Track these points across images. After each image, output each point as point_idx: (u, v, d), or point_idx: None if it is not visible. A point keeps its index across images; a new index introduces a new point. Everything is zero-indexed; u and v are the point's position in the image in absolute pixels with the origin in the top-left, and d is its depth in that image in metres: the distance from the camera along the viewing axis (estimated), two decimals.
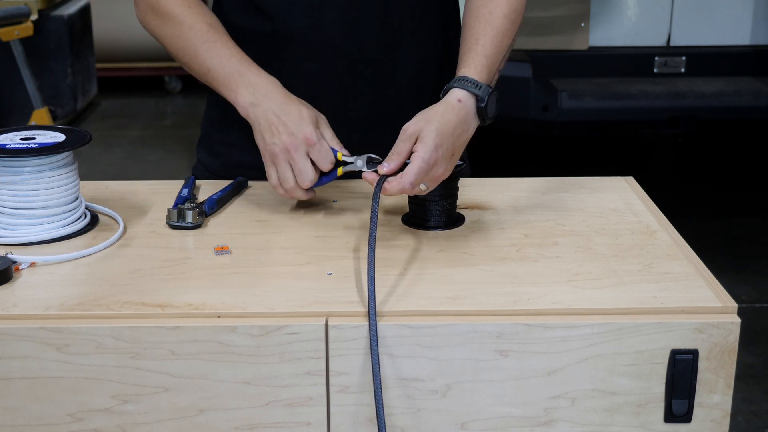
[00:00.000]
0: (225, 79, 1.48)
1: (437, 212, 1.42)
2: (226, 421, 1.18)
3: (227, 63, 1.48)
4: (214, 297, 1.21)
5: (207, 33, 1.50)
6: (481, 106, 1.39)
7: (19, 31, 4.96)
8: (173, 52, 1.55)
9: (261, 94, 1.44)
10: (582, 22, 3.91)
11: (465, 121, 1.38)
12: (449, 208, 1.44)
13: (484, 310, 1.19)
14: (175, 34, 1.53)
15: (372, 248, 1.22)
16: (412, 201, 1.45)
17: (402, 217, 1.46)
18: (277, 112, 1.42)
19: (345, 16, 1.55)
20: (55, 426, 1.18)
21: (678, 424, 1.20)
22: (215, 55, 1.49)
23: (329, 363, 1.17)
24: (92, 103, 6.07)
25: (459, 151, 1.38)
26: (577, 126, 3.94)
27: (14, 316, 1.17)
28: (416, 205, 1.44)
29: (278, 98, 1.44)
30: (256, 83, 1.46)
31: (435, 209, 1.42)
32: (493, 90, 1.41)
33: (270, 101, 1.43)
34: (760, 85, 3.91)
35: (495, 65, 1.45)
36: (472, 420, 1.19)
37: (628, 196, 1.57)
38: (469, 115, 1.39)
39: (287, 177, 1.41)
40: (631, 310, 1.19)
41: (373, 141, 1.47)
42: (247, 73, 1.47)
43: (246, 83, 1.46)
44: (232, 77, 1.47)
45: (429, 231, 1.42)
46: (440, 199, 1.42)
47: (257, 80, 1.46)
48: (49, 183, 1.36)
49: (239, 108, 1.46)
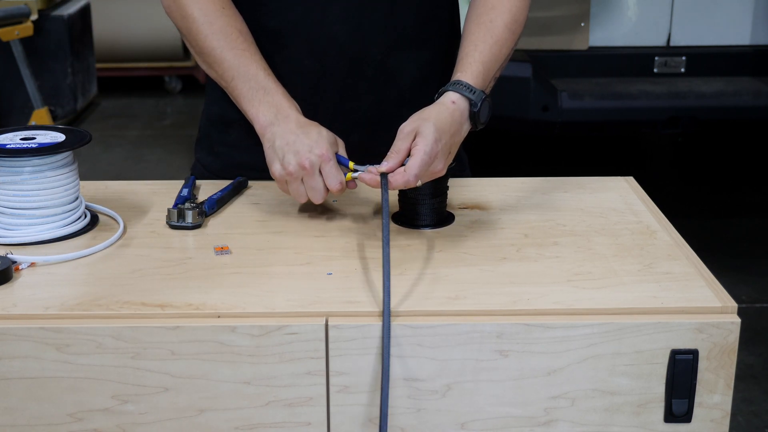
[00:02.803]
0: (249, 92, 1.47)
1: (427, 211, 1.43)
2: (226, 421, 1.18)
3: (253, 77, 1.47)
4: (214, 297, 1.21)
5: (236, 40, 1.50)
6: (474, 111, 1.40)
7: (19, 31, 4.96)
8: (195, 49, 1.54)
9: (282, 116, 1.44)
10: (582, 22, 3.91)
11: (458, 122, 1.39)
12: (439, 207, 1.44)
13: (484, 310, 1.19)
14: (202, 33, 1.51)
15: (386, 241, 1.23)
16: (403, 200, 1.45)
17: (392, 216, 1.46)
18: (296, 131, 1.41)
19: (349, 15, 1.55)
20: (55, 426, 1.18)
21: (678, 424, 1.20)
22: (242, 64, 1.48)
23: (329, 363, 1.17)
24: (92, 103, 6.07)
25: (454, 150, 1.39)
26: (577, 126, 3.94)
27: (14, 316, 1.17)
28: (406, 203, 1.44)
29: (298, 119, 1.44)
30: (280, 104, 1.45)
31: (425, 208, 1.43)
32: (486, 96, 1.42)
33: (290, 122, 1.43)
34: (760, 85, 3.90)
35: (491, 73, 1.47)
36: (472, 420, 1.19)
37: (628, 196, 1.57)
38: (463, 117, 1.40)
39: (300, 193, 1.40)
40: (631, 310, 1.19)
41: (373, 142, 1.47)
42: (273, 92, 1.46)
43: (270, 102, 1.45)
44: (256, 93, 1.46)
45: (420, 230, 1.42)
46: (430, 198, 1.42)
47: (281, 101, 1.46)
48: (49, 183, 1.36)
49: (257, 125, 1.45)
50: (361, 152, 1.43)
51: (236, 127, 1.64)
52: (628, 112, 3.84)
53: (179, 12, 1.53)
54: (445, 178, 1.43)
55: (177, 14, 1.54)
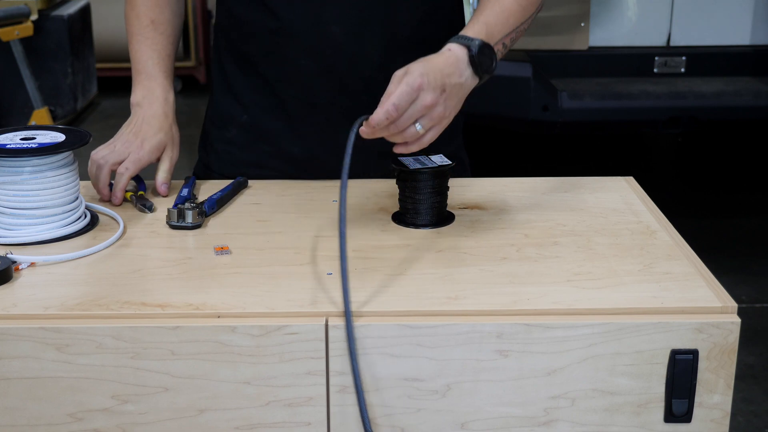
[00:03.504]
0: (135, 73, 1.61)
1: (427, 209, 1.43)
2: (226, 421, 1.18)
3: (144, 62, 1.60)
4: (214, 297, 1.21)
5: (146, 27, 1.62)
6: (472, 54, 1.35)
7: (19, 31, 4.96)
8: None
9: (147, 101, 1.58)
10: (582, 22, 3.91)
11: (453, 65, 1.34)
12: (439, 206, 1.44)
13: (484, 310, 1.19)
14: (127, 16, 1.64)
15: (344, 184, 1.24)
16: (403, 199, 1.45)
17: (392, 215, 1.46)
18: (140, 123, 1.56)
19: (346, 15, 1.55)
20: (55, 426, 1.18)
21: (678, 424, 1.20)
22: (139, 50, 1.61)
23: (329, 363, 1.17)
24: (92, 103, 6.07)
25: (451, 90, 1.34)
26: (577, 126, 3.94)
27: (14, 316, 1.17)
28: (407, 202, 1.44)
29: (156, 111, 1.57)
30: (154, 89, 1.58)
31: (424, 206, 1.43)
32: (488, 45, 1.38)
33: (147, 110, 1.57)
34: (760, 85, 3.90)
35: (496, 35, 1.42)
36: (472, 420, 1.19)
37: (628, 196, 1.57)
38: (460, 61, 1.35)
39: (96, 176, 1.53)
40: (631, 310, 1.19)
41: (371, 142, 1.47)
42: (155, 77, 1.59)
43: (146, 85, 1.59)
44: (138, 75, 1.60)
45: (420, 229, 1.42)
46: (431, 197, 1.42)
47: (157, 88, 1.58)
48: (49, 183, 1.36)
49: (131, 102, 1.59)
50: (363, 145, 1.43)
51: (235, 126, 1.65)
52: (628, 112, 3.83)
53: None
54: (445, 178, 1.43)
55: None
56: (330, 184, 1.59)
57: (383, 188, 1.58)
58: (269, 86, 1.61)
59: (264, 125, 1.63)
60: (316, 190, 1.58)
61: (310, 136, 1.62)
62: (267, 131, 1.63)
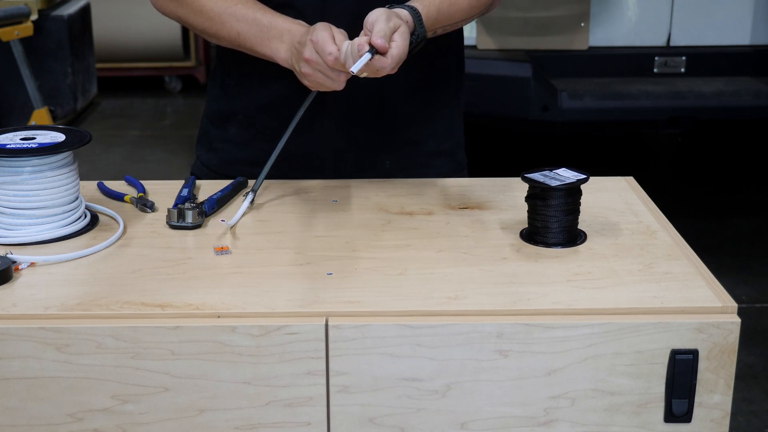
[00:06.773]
0: (257, 38, 1.50)
1: (558, 228, 1.37)
2: (226, 421, 1.18)
3: (259, 18, 1.50)
4: (214, 297, 1.21)
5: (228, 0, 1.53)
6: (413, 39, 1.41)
7: (19, 31, 4.96)
8: (198, 27, 1.56)
9: (288, 36, 1.47)
10: (582, 22, 3.91)
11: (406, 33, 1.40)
12: (570, 225, 1.38)
13: (484, 310, 1.19)
14: (195, 10, 1.54)
15: None
16: (532, 217, 1.39)
17: (520, 233, 1.41)
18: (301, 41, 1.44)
19: (349, 8, 1.55)
20: (55, 426, 1.18)
21: (678, 424, 1.20)
22: (246, 15, 1.51)
23: (329, 363, 1.17)
24: (92, 103, 6.07)
25: None
26: (577, 126, 3.94)
27: (14, 316, 1.17)
28: (535, 221, 1.38)
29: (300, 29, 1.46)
30: (283, 29, 1.48)
31: (556, 225, 1.37)
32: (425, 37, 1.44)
33: (293, 36, 1.46)
34: (760, 85, 3.90)
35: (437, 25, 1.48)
36: (472, 420, 1.19)
37: (628, 196, 1.57)
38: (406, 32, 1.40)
39: (318, 81, 1.42)
40: (631, 310, 1.19)
41: (373, 136, 1.47)
42: (275, 23, 1.49)
43: (275, 35, 1.48)
44: (268, 30, 1.49)
45: (549, 248, 1.36)
46: (564, 215, 1.37)
47: (284, 26, 1.48)
48: (49, 183, 1.36)
49: (280, 62, 1.49)
50: (361, 144, 1.43)
51: (234, 123, 1.64)
52: (628, 112, 3.83)
53: (171, 5, 1.56)
54: (577, 195, 1.39)
55: (169, 7, 1.57)
56: (330, 184, 1.59)
57: (383, 188, 1.58)
58: (268, 85, 1.61)
59: (263, 123, 1.64)
60: (316, 189, 1.58)
61: (309, 135, 1.61)
62: (265, 129, 1.63)
